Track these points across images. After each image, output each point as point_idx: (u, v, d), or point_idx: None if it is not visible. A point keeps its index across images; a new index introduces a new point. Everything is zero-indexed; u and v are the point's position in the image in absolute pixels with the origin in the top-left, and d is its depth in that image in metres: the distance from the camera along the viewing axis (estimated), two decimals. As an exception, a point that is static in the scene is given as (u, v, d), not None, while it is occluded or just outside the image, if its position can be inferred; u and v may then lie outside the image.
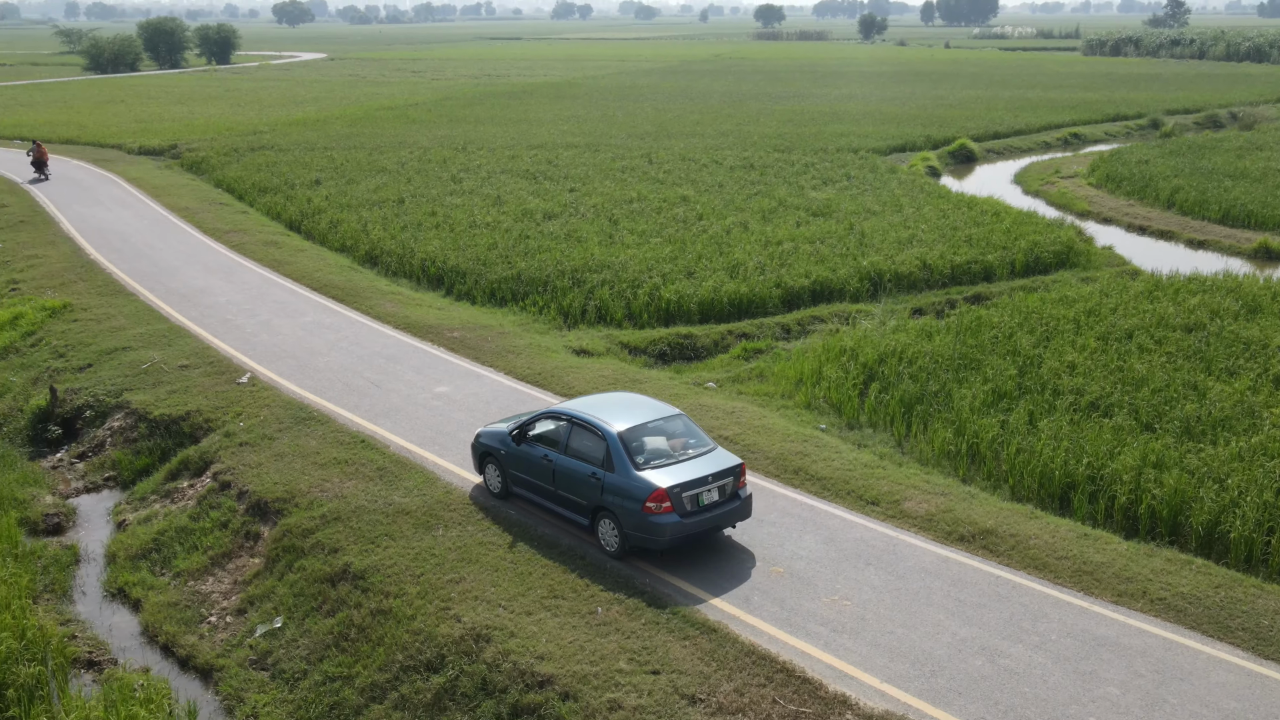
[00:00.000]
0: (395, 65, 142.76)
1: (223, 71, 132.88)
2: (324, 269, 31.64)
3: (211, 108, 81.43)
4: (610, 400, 16.07)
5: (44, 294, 29.17)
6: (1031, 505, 16.71)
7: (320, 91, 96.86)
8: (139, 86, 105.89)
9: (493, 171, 47.15)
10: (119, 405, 21.61)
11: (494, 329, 25.89)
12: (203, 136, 62.08)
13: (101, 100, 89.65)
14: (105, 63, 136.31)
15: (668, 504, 14.10)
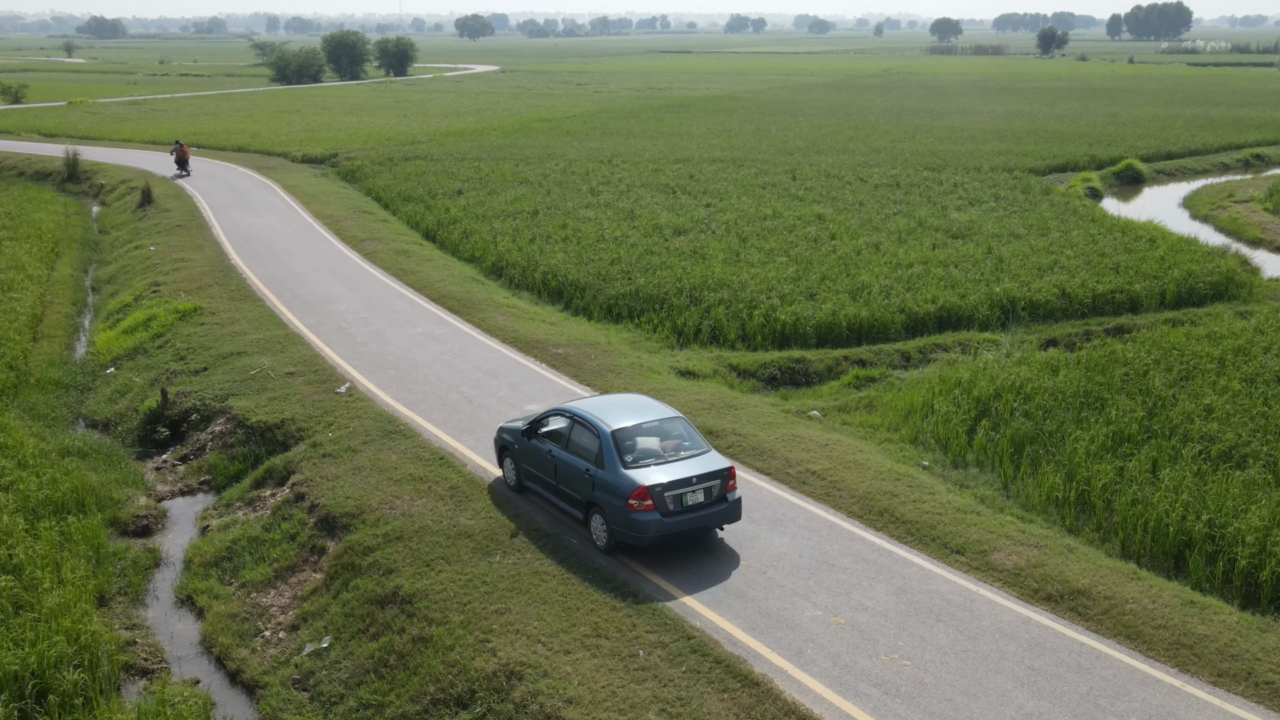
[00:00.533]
0: (562, 78, 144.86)
1: (397, 83, 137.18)
2: (447, 279, 31.83)
3: (378, 118, 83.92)
4: (615, 401, 16.45)
5: (179, 297, 30.15)
6: (1136, 564, 15.26)
7: (484, 103, 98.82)
8: (316, 97, 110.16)
9: (632, 185, 46.92)
10: (222, 410, 22.00)
11: (600, 347, 25.45)
12: (362, 146, 63.87)
13: (279, 110, 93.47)
14: (291, 74, 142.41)
15: (649, 502, 14.42)
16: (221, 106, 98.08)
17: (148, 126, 78.36)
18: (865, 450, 19.18)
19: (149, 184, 47.96)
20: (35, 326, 29.32)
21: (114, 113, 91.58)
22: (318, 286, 31.04)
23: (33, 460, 19.36)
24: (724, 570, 14.68)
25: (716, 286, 29.59)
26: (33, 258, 35.57)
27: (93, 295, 34.30)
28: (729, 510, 15.09)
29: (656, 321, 28.17)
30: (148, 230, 41.23)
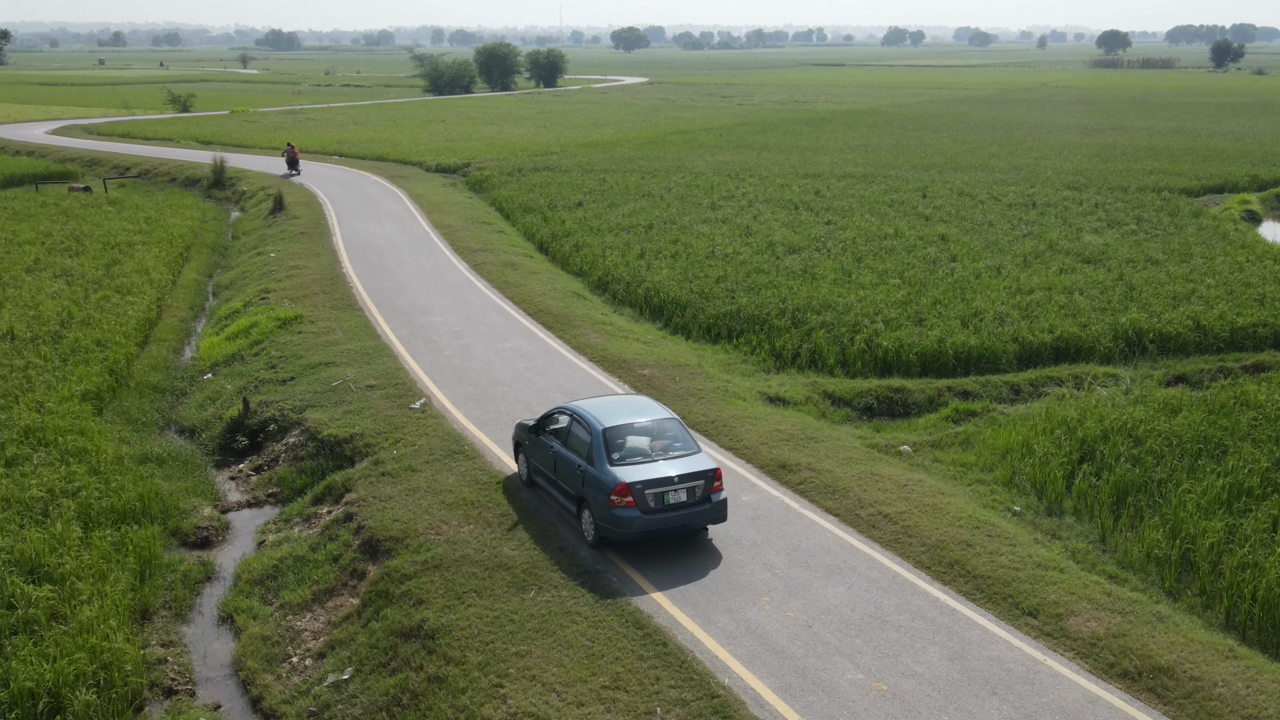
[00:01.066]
0: (708, 90, 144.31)
1: (545, 94, 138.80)
2: (549, 294, 31.38)
3: (518, 128, 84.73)
4: (615, 401, 16.85)
5: (283, 304, 30.45)
6: (1240, 638, 13.60)
7: (625, 115, 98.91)
8: (463, 107, 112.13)
9: (754, 200, 45.86)
10: (298, 421, 21.89)
11: (689, 368, 24.55)
12: (495, 156, 64.37)
13: (425, 120, 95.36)
14: (444, 85, 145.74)
15: (629, 499, 14.75)
16: (371, 116, 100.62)
17: (297, 135, 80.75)
18: (949, 492, 17.80)
19: (281, 191, 49.08)
20: (148, 330, 29.97)
21: (270, 121, 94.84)
22: (419, 297, 30.95)
23: (107, 466, 19.51)
24: (767, 623, 13.61)
25: (820, 308, 28.37)
26: (159, 262, 36.57)
27: (211, 300, 35.02)
28: (712, 511, 15.32)
29: (755, 343, 27.14)
30: (273, 236, 42.08)
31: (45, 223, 43.36)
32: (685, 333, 28.70)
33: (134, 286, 32.67)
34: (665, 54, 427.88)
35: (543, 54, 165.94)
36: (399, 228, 42.52)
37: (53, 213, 46.05)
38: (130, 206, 48.36)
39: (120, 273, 34.59)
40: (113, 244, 39.22)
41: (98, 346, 26.61)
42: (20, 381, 23.93)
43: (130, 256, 37.22)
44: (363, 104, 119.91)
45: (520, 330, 27.49)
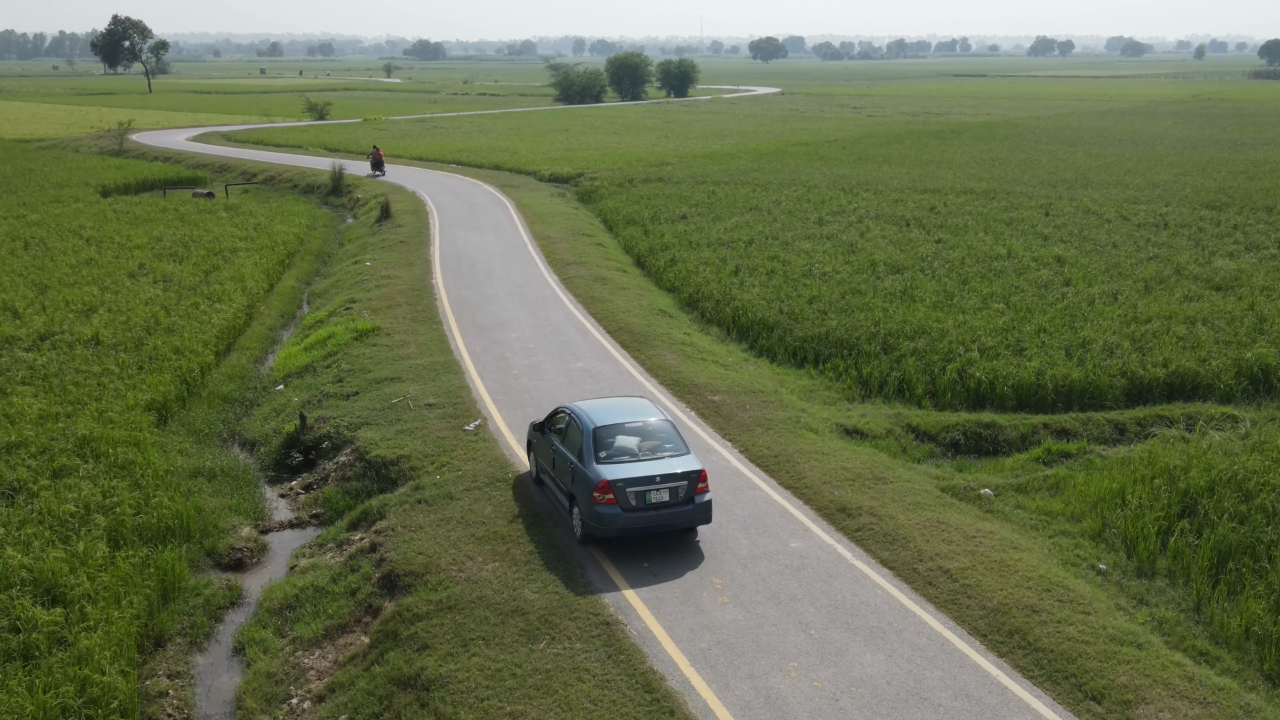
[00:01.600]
0: (839, 101, 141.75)
1: (674, 104, 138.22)
2: (633, 310, 30.35)
3: (639, 138, 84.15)
4: (613, 403, 17.21)
5: (364, 315, 30.11)
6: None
7: (750, 125, 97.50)
8: (589, 116, 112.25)
9: (864, 215, 44.09)
10: (350, 440, 21.30)
11: (764, 395, 23.20)
12: (610, 166, 63.77)
13: (548, 129, 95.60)
14: (574, 94, 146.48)
15: (610, 496, 15.10)
16: (497, 125, 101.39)
17: (421, 143, 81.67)
18: (1025, 546, 16.12)
19: (389, 199, 49.25)
20: (233, 338, 29.98)
21: (399, 129, 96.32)
22: (500, 311, 30.27)
23: (151, 481, 19.17)
24: (790, 693, 12.26)
25: (914, 334, 26.70)
26: (258, 269, 36.78)
27: (305, 308, 34.99)
28: (695, 511, 15.54)
29: (841, 369, 25.66)
30: (375, 244, 42.10)
31: (160, 227, 44.24)
32: (770, 355, 27.37)
33: (225, 294, 32.80)
34: (802, 64, 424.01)
35: (674, 64, 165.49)
36: (498, 238, 42.08)
37: (170, 218, 47.03)
38: (244, 212, 49.13)
39: (216, 279, 34.84)
40: (217, 250, 39.69)
41: (175, 354, 26.59)
42: (93, 388, 23.96)
43: (230, 263, 37.55)
44: (492, 112, 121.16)
45: (595, 349, 26.50)
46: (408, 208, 50.25)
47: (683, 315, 31.24)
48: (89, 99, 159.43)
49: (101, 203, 51.79)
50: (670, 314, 30.85)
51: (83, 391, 23.64)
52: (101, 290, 32.82)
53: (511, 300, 31.63)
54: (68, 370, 25.01)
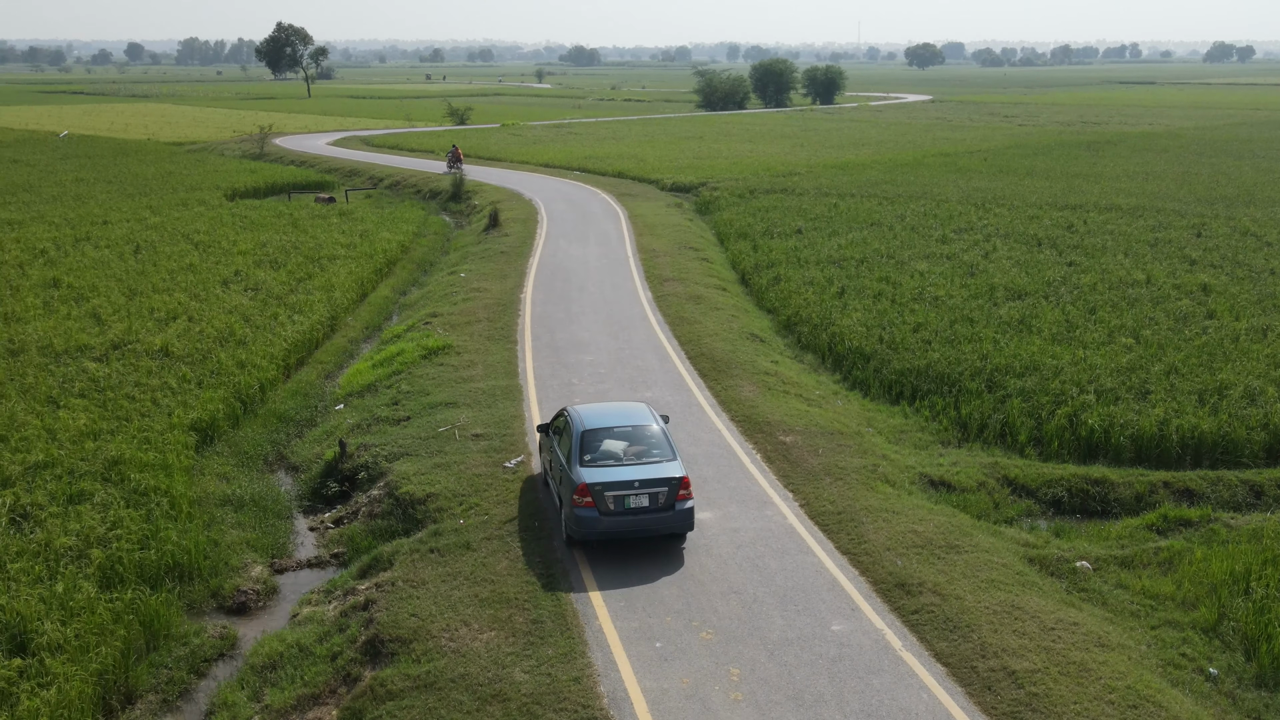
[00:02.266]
0: (990, 109, 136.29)
1: (817, 111, 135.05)
2: (722, 333, 28.31)
3: (773, 146, 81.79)
4: (610, 407, 17.27)
5: (439, 331, 28.85)
6: None
7: (891, 134, 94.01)
8: (726, 124, 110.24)
9: (993, 233, 41.02)
10: (385, 472, 19.88)
11: (844, 437, 20.92)
12: (734, 175, 61.72)
13: (681, 135, 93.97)
14: (716, 101, 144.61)
15: (588, 499, 15.16)
16: (632, 131, 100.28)
17: (551, 149, 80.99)
18: (1115, 642, 13.57)
19: (501, 207, 48.25)
20: (308, 351, 29.10)
21: (532, 135, 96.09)
22: (581, 330, 28.61)
23: (168, 511, 18.07)
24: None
25: (1024, 370, 24.02)
26: (351, 278, 36.02)
27: (392, 320, 34.00)
28: (676, 518, 15.47)
29: (939, 408, 23.20)
30: (477, 254, 41.05)
31: (269, 233, 44.11)
32: (864, 389, 25.04)
33: (309, 304, 32.01)
34: (960, 71, 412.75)
35: (820, 70, 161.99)
36: (602, 250, 40.52)
37: (283, 223, 46.96)
38: (356, 218, 48.79)
39: (306, 289, 34.16)
40: (316, 257, 39.17)
41: (238, 369, 25.73)
42: (145, 404, 23.19)
43: (325, 271, 36.90)
44: (629, 119, 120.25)
45: (670, 378, 24.58)
46: (519, 215, 49.18)
47: (776, 340, 29.06)
48: (252, 103, 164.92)
49: (224, 207, 52.23)
50: (762, 338, 28.71)
51: (134, 407, 22.87)
52: (190, 298, 32.42)
53: (596, 318, 29.94)
54: (125, 383, 24.34)
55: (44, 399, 23.31)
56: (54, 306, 31.29)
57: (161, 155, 78.49)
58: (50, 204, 52.93)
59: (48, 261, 37.80)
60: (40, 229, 44.54)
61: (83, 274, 35.49)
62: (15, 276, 35.08)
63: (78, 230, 44.29)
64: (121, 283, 34.35)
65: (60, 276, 35.00)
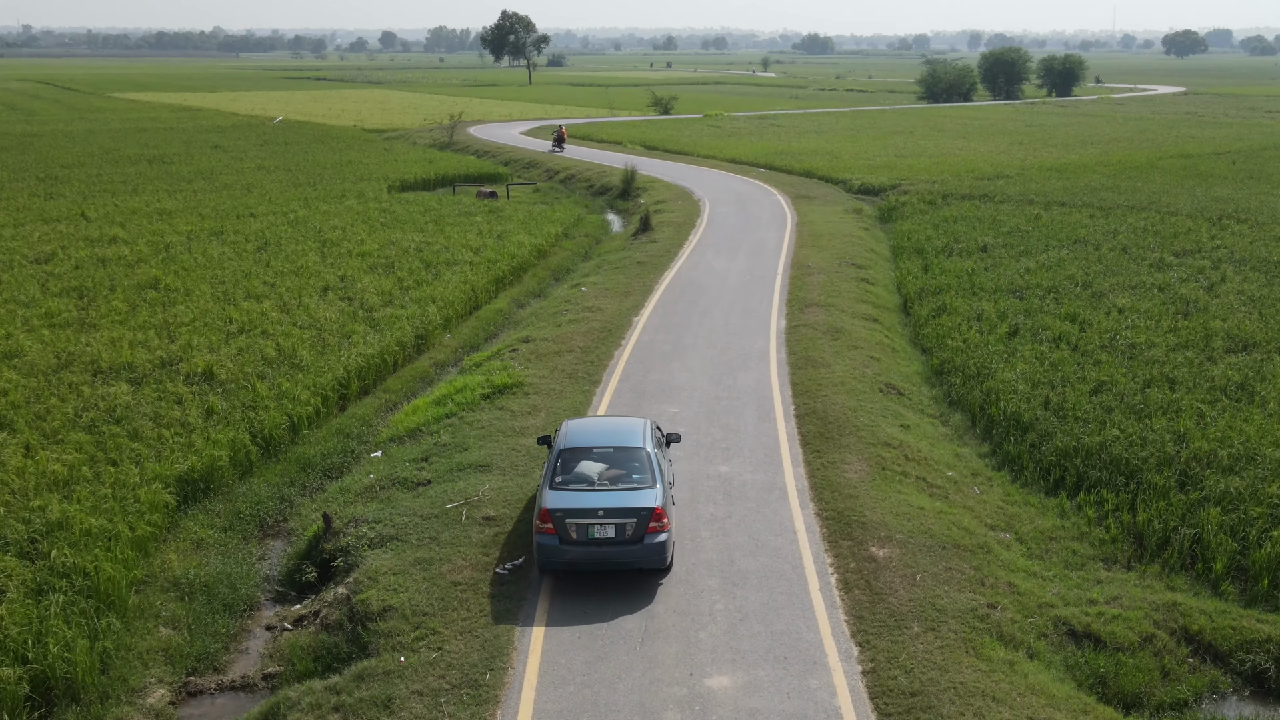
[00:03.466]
0: (1250, 104, 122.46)
1: (1050, 104, 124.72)
2: (850, 381, 23.13)
3: (986, 144, 74.42)
4: (603, 424, 16.00)
5: (516, 365, 24.80)
6: None
7: (1127, 131, 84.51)
8: (942, 118, 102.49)
9: (1225, 258, 33.86)
10: (358, 563, 15.91)
11: (960, 551, 15.62)
12: (931, 177, 55.44)
13: (889, 130, 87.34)
14: (939, 92, 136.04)
15: (549, 526, 13.93)
16: (838, 124, 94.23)
17: (745, 143, 76.22)
18: None
19: (652, 210, 44.06)
20: (378, 377, 25.68)
21: (732, 127, 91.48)
22: (681, 371, 24.00)
23: (85, 602, 14.63)
24: None
25: (1234, 462, 17.99)
26: (463, 288, 32.48)
27: (494, 340, 30.23)
28: (644, 552, 14.04)
29: (1109, 507, 17.57)
30: (613, 263, 36.97)
31: (405, 231, 41.30)
32: (1015, 468, 19.52)
33: (397, 320, 28.60)
34: (1224, 60, 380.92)
35: (1057, 59, 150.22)
36: (750, 264, 35.67)
37: (425, 220, 44.13)
38: (503, 217, 45.52)
39: (406, 299, 30.84)
40: (436, 262, 35.92)
41: (274, 400, 22.42)
42: (150, 442, 20.11)
43: (440, 278, 33.54)
44: (839, 110, 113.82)
45: (762, 445, 19.67)
46: (676, 219, 44.81)
47: (919, 391, 23.66)
48: (473, 89, 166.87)
49: (379, 200, 49.99)
50: (901, 390, 23.36)
51: (132, 449, 19.78)
52: (276, 308, 29.58)
53: (707, 354, 25.25)
54: (141, 415, 21.36)
55: (50, 431, 20.55)
56: (135, 312, 29.03)
57: (354, 143, 78.00)
58: (216, 193, 52.10)
59: (168, 258, 35.97)
60: (186, 221, 43.21)
61: (188, 274, 33.34)
62: (122, 275, 33.23)
63: (219, 223, 42.72)
64: (219, 287, 31.92)
65: (161, 276, 32.94)
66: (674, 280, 33.31)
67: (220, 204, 47.92)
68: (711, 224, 43.61)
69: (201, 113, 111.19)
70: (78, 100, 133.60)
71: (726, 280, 33.20)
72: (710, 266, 35.31)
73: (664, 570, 14.49)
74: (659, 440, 16.21)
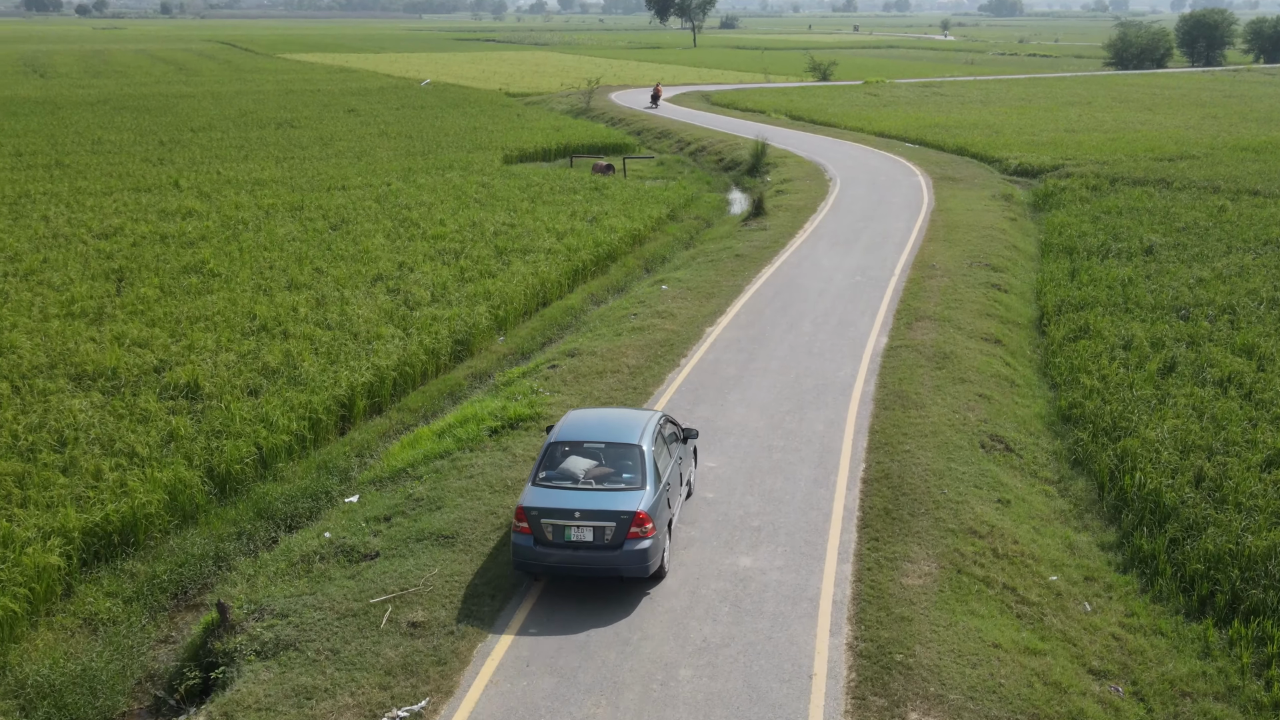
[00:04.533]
0: None
1: (1255, 72, 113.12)
2: (943, 431, 18.35)
3: (1174, 117, 66.53)
4: (606, 415, 14.94)
5: (551, 389, 20.82)
6: None
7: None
8: (1127, 86, 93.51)
9: None
10: (235, 678, 12.26)
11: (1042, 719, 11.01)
12: (1101, 156, 48.88)
13: (1065, 100, 79.62)
14: (1129, 59, 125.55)
15: (524, 525, 13.16)
16: (1009, 93, 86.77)
17: (897, 115, 70.29)
18: None
19: (766, 192, 39.42)
20: (396, 392, 22.16)
21: (890, 95, 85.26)
22: (738, 406, 19.62)
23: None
24: None
25: None
26: (529, 283, 28.68)
27: (549, 346, 26.34)
28: (623, 559, 12.86)
29: (1277, 646, 12.56)
30: (709, 255, 32.67)
31: (494, 211, 37.80)
32: (1146, 573, 14.60)
33: (434, 321, 25.00)
34: None
35: (1268, 22, 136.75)
36: (865, 261, 30.81)
37: (522, 198, 40.54)
38: (607, 196, 41.56)
39: (458, 294, 27.24)
40: (509, 249, 32.23)
41: (251, 426, 19.07)
42: (86, 476, 17.01)
43: (508, 269, 29.84)
44: (1012, 78, 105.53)
45: (809, 521, 15.21)
46: (798, 202, 40.07)
47: (1035, 446, 18.71)
48: (635, 52, 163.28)
49: (484, 172, 46.71)
50: (1010, 444, 18.46)
51: (65, 482, 16.72)
52: (313, 302, 26.41)
53: (775, 383, 20.80)
54: (91, 440, 18.30)
55: (-16, 454, 17.69)
56: (161, 301, 26.31)
57: (489, 109, 75.24)
58: (324, 161, 49.84)
59: (231, 236, 33.34)
60: (273, 193, 40.79)
61: (240, 256, 30.56)
62: (171, 256, 30.66)
63: (305, 197, 40.10)
64: (267, 274, 28.97)
65: (209, 259, 30.26)
66: (770, 279, 28.80)
67: (319, 174, 45.44)
68: (835, 209, 38.73)
69: (356, 74, 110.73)
70: (245, 61, 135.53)
71: (831, 281, 28.49)
72: (818, 263, 30.62)
73: (655, 579, 13.49)
74: (671, 436, 14.89)
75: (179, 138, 57.58)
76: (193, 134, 59.48)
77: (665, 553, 13.55)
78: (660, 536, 13.25)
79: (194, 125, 63.31)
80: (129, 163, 48.32)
